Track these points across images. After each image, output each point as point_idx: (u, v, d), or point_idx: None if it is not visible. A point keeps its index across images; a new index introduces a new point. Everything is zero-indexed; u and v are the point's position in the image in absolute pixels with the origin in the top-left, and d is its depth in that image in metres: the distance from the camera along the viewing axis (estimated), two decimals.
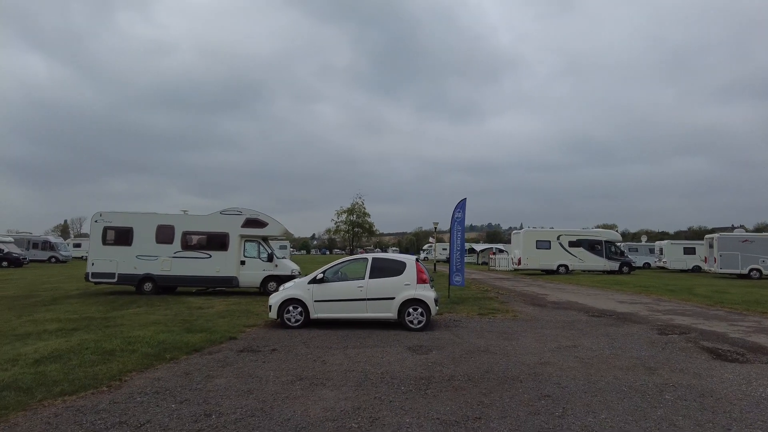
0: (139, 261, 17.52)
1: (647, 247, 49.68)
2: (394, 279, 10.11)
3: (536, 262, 32.52)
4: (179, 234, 17.71)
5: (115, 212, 18.04)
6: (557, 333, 9.70)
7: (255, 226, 17.94)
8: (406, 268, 10.17)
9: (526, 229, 33.59)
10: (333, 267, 10.56)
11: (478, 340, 8.93)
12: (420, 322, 9.89)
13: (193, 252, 17.70)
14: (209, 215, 18.10)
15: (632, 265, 34.10)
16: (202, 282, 17.81)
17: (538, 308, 13.97)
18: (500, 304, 14.69)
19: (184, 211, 18.72)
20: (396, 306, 9.94)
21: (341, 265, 10.71)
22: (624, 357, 7.49)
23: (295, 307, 10.24)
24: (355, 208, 74.72)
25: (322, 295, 10.19)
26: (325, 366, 6.90)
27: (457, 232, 15.66)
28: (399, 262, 10.35)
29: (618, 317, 11.93)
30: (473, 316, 12.17)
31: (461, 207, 15.70)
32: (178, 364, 7.08)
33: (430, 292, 10.12)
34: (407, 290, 9.98)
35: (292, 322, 10.22)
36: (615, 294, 18.20)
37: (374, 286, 10.07)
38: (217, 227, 17.87)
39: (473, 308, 13.60)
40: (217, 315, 12.21)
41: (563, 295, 17.96)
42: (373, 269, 10.26)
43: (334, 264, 10.64)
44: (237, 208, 18.12)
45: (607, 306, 14.30)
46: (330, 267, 10.53)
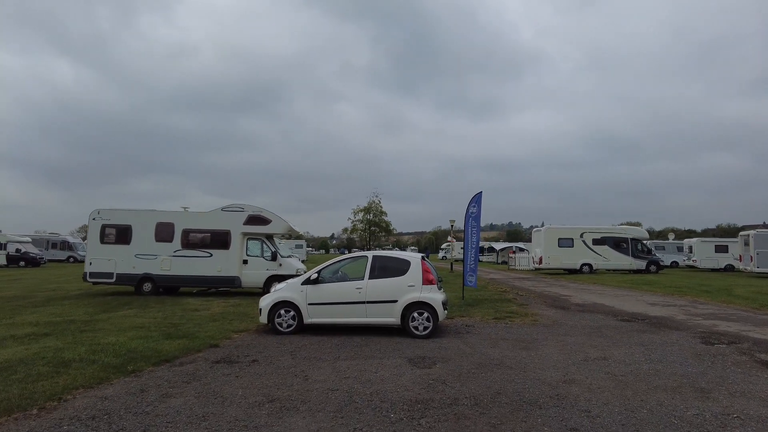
0: (138, 260, 16.77)
1: (675, 245, 47.58)
2: (397, 280, 9.00)
3: (558, 261, 30.98)
4: (179, 232, 16.90)
5: (113, 209, 17.32)
6: (583, 341, 8.46)
7: (258, 224, 17.01)
8: (411, 267, 9.05)
9: (548, 226, 32.06)
10: (329, 266, 9.50)
11: (491, 350, 7.76)
12: (426, 329, 8.75)
13: (193, 251, 16.87)
14: (210, 212, 17.24)
15: (660, 264, 32.29)
16: (203, 282, 16.96)
17: (561, 311, 12.69)
18: (519, 307, 13.45)
19: (184, 208, 17.92)
20: (399, 310, 8.83)
21: (338, 264, 9.64)
22: (666, 373, 6.24)
23: (287, 310, 9.21)
24: (372, 206, 73.72)
25: (316, 298, 9.14)
26: (306, 383, 5.83)
27: (471, 229, 14.46)
28: (402, 261, 9.23)
29: (652, 322, 10.59)
30: (488, 320, 10.97)
31: (476, 201, 14.50)
32: (138, 377, 6.10)
33: (438, 295, 8.97)
34: (411, 292, 8.86)
35: (283, 327, 9.19)
36: (645, 295, 16.74)
37: (374, 287, 8.97)
38: (218, 225, 17.00)
39: (489, 311, 12.40)
40: (210, 318, 11.28)
41: (588, 296, 16.59)
42: (374, 269, 9.16)
43: (331, 263, 9.58)
44: (239, 204, 17.22)
45: (638, 309, 12.94)
46: (326, 266, 9.47)
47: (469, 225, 14.48)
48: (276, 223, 17.09)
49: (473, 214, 14.42)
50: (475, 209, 14.42)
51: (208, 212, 17.28)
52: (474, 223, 14.36)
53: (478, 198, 14.48)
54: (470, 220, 14.42)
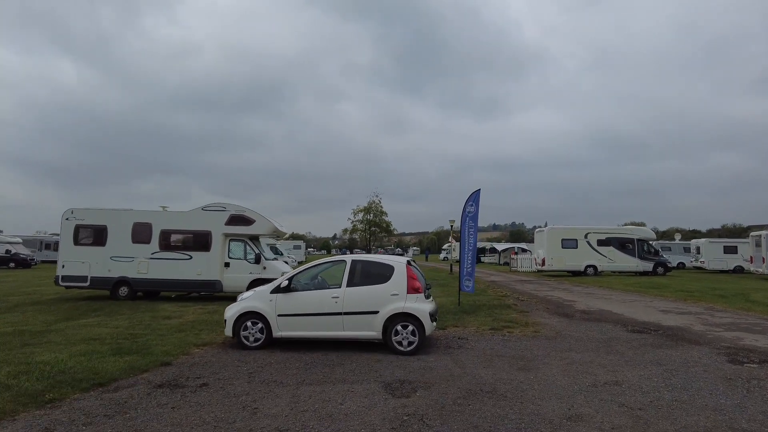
0: (113, 263, 15.75)
1: (681, 245, 46.37)
2: (379, 287, 7.90)
3: (562, 262, 29.82)
4: (157, 233, 15.88)
5: (88, 209, 16.30)
6: (591, 358, 7.36)
7: (240, 224, 15.97)
8: (394, 273, 7.95)
9: (551, 227, 30.90)
10: (303, 272, 8.42)
11: (484, 370, 6.67)
12: (411, 344, 7.66)
13: (172, 253, 15.84)
14: (189, 212, 16.20)
15: (668, 266, 31.09)
16: (182, 286, 15.91)
17: (565, 319, 11.59)
18: (519, 314, 12.34)
19: (163, 207, 16.89)
20: (380, 322, 7.74)
21: (313, 270, 8.56)
22: (694, 406, 5.13)
23: (254, 322, 8.14)
24: (372, 206, 72.66)
25: (287, 308, 8.06)
26: (252, 419, 4.76)
27: (468, 229, 13.36)
28: (385, 266, 8.13)
29: (667, 334, 9.48)
30: (484, 331, 9.88)
31: (474, 199, 13.39)
32: (52, 410, 5.03)
33: (425, 305, 7.88)
34: (395, 302, 7.77)
35: (250, 341, 8.12)
36: (655, 300, 15.61)
37: (353, 296, 7.89)
38: (198, 225, 15.97)
39: (486, 320, 11.30)
40: (177, 328, 10.24)
41: (594, 301, 15.46)
42: (352, 275, 8.08)
43: (305, 268, 8.50)
44: (221, 203, 16.17)
45: (649, 317, 11.82)
46: (299, 272, 8.39)
47: (466, 225, 13.39)
48: (260, 223, 16.04)
49: (470, 214, 13.32)
50: (472, 208, 13.32)
51: (187, 212, 16.24)
52: (471, 223, 13.26)
53: (476, 196, 13.38)
54: (467, 220, 13.32)
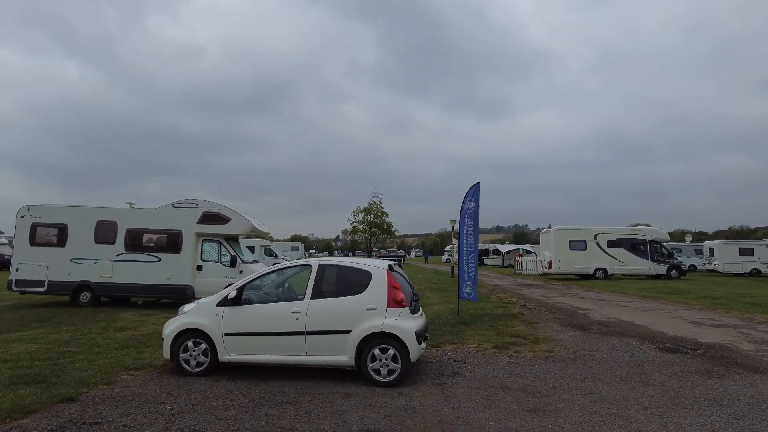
0: (74, 266, 14.16)
1: (692, 247, 44.66)
2: (351, 300, 6.22)
3: (569, 265, 28.05)
4: (123, 232, 14.29)
5: (46, 206, 14.70)
6: (624, 393, 5.67)
7: (214, 222, 14.35)
8: (371, 281, 6.26)
9: (558, 227, 29.11)
10: (256, 279, 6.74)
11: (485, 413, 4.98)
12: (391, 373, 5.98)
13: (138, 254, 14.24)
14: (158, 209, 14.58)
15: (682, 269, 29.29)
16: (150, 291, 14.28)
17: (580, 333, 9.88)
18: (527, 327, 10.64)
19: (130, 204, 15.26)
20: (353, 344, 6.05)
21: (270, 277, 6.88)
22: None
23: (197, 342, 6.48)
24: (373, 207, 70.97)
25: (236, 325, 6.39)
26: None
27: (467, 228, 11.66)
28: (360, 272, 6.43)
29: (710, 354, 7.76)
30: (487, 349, 8.18)
31: (473, 194, 11.70)
32: None
33: (410, 322, 6.18)
34: (371, 318, 6.07)
35: (191, 366, 6.47)
36: (679, 309, 13.86)
37: (318, 311, 6.21)
38: (167, 224, 14.36)
39: (488, 334, 9.61)
40: (122, 343, 8.61)
41: (610, 309, 13.74)
42: (319, 284, 6.40)
43: (259, 274, 6.81)
44: (193, 199, 14.55)
45: (680, 330, 10.10)
46: (251, 279, 6.71)
47: (464, 224, 11.69)
48: (236, 221, 14.40)
49: (470, 210, 11.63)
50: (471, 204, 11.63)
51: (156, 209, 14.62)
52: (470, 221, 11.57)
53: (475, 190, 11.69)
54: (466, 218, 11.62)
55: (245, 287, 6.57)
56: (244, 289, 6.54)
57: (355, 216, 71.11)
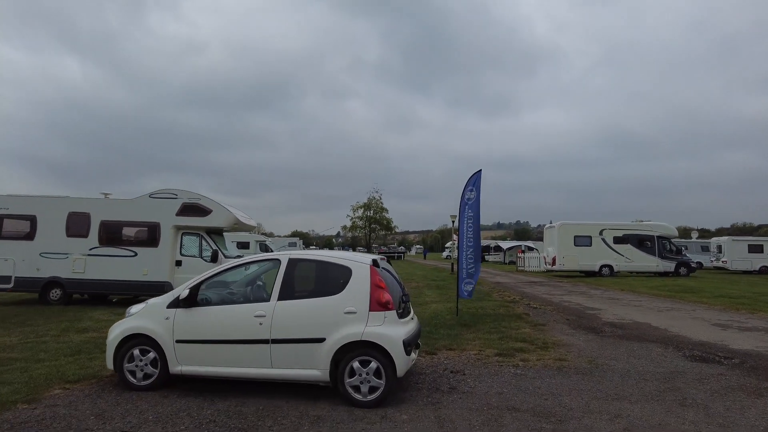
0: (43, 260, 13.15)
1: (699, 244, 43.54)
2: (326, 302, 5.16)
3: (574, 261, 26.96)
4: (97, 224, 13.26)
5: (13, 196, 13.69)
6: (658, 416, 4.61)
7: (195, 214, 13.30)
8: (351, 279, 5.20)
9: (562, 222, 28.00)
10: (215, 276, 5.68)
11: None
12: (373, 391, 4.92)
13: (114, 248, 13.22)
14: (134, 200, 13.55)
15: (691, 266, 28.21)
16: (125, 288, 13.26)
17: (594, 337, 8.83)
18: (533, 329, 9.59)
19: (104, 195, 14.21)
20: (327, 356, 4.99)
21: (231, 274, 5.82)
22: None
23: (144, 351, 5.43)
24: (372, 203, 70.07)
25: (189, 331, 5.34)
26: None
27: (467, 220, 10.60)
28: (337, 268, 5.36)
29: (750, 365, 6.69)
30: (489, 357, 7.13)
31: (474, 183, 10.64)
32: None
33: (397, 328, 5.11)
34: (350, 324, 5.01)
35: (137, 378, 5.43)
36: (697, 309, 12.80)
37: (286, 314, 5.15)
38: (144, 215, 13.32)
39: (491, 337, 8.56)
40: (75, 348, 7.62)
41: (621, 310, 12.69)
42: (288, 282, 5.34)
43: (218, 270, 5.74)
44: (171, 189, 13.50)
45: (705, 334, 9.04)
46: (209, 276, 5.65)
47: (464, 216, 10.63)
48: (218, 213, 13.35)
49: (470, 201, 10.56)
50: (472, 194, 10.56)
51: (132, 199, 13.59)
52: (471, 212, 10.50)
53: (476, 179, 10.62)
54: (466, 209, 10.56)
55: (201, 285, 5.52)
56: (199, 288, 5.49)
57: (354, 212, 70.33)
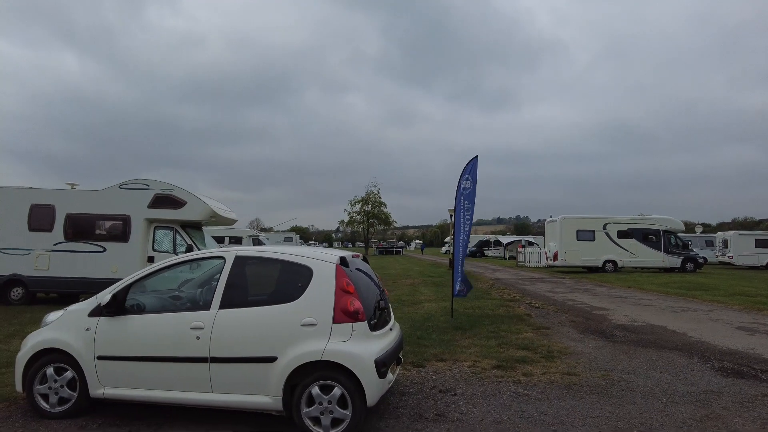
0: (3, 256, 12.16)
1: (703, 238, 42.52)
2: (280, 310, 4.11)
3: (577, 256, 25.93)
4: (62, 218, 12.23)
5: None
6: None
7: (168, 206, 12.27)
8: (312, 282, 4.15)
9: (564, 216, 26.95)
10: (145, 278, 4.64)
11: None
12: (337, 423, 3.88)
13: (80, 243, 12.20)
14: (103, 191, 12.49)
15: (698, 261, 27.20)
16: (92, 287, 12.04)
17: (605, 344, 7.82)
18: (536, 333, 8.57)
19: (71, 185, 13.16)
20: (279, 379, 3.95)
21: (163, 275, 4.77)
22: None
23: (60, 369, 4.41)
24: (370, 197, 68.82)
25: (114, 345, 4.31)
26: None
27: (464, 212, 9.56)
28: (295, 268, 4.31)
29: None
30: (485, 369, 6.11)
31: (470, 171, 9.59)
32: None
33: (368, 344, 4.04)
34: (309, 339, 3.97)
35: (50, 404, 4.41)
36: (715, 309, 11.78)
37: (229, 326, 4.12)
38: (113, 208, 12.30)
39: (488, 345, 7.54)
40: (6, 361, 6.53)
41: (631, 310, 11.67)
42: (234, 285, 4.30)
43: (150, 271, 4.69)
44: (143, 179, 12.45)
45: (731, 340, 8.02)
46: (141, 277, 4.61)
47: (461, 207, 9.58)
48: (193, 205, 12.31)
49: (466, 191, 9.52)
50: (468, 183, 9.52)
51: (100, 191, 12.52)
52: (467, 203, 9.46)
53: (472, 167, 9.57)
54: (462, 200, 9.52)
55: (131, 288, 4.49)
56: (128, 292, 4.46)
57: (351, 206, 69.08)
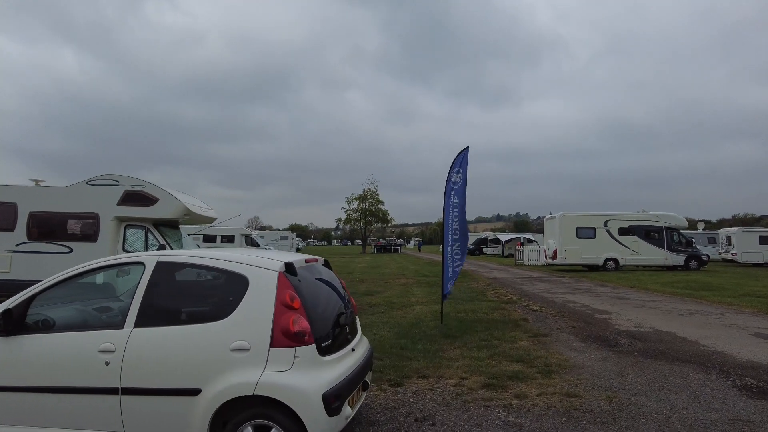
0: None
1: (706, 235, 41.78)
2: (205, 331, 3.28)
3: (577, 255, 25.12)
4: (24, 216, 11.39)
5: None
6: None
7: (139, 204, 11.42)
8: (247, 294, 3.32)
9: (564, 213, 26.12)
10: (50, 288, 3.80)
11: None
12: None
13: (45, 244, 11.37)
14: (69, 187, 11.65)
15: (702, 259, 26.39)
16: None
17: (609, 354, 7.00)
18: (533, 341, 7.75)
19: (35, 182, 12.32)
20: (204, 417, 3.13)
21: (68, 286, 3.91)
22: None
23: None
24: (368, 195, 68.03)
25: (6, 373, 3.48)
26: None
27: (452, 209, 8.73)
28: (227, 276, 3.47)
29: None
30: (473, 389, 5.29)
31: (461, 163, 8.76)
32: None
33: (315, 375, 3.18)
34: (240, 368, 3.13)
35: None
36: (726, 312, 10.97)
37: (145, 350, 3.29)
38: (81, 205, 11.46)
39: (479, 356, 6.73)
40: None
41: (636, 313, 10.86)
42: (152, 298, 3.47)
43: (56, 280, 3.86)
44: (112, 175, 11.62)
45: (750, 349, 7.20)
46: (42, 289, 3.78)
47: (450, 203, 8.75)
48: (165, 202, 11.47)
49: (456, 185, 8.68)
50: (459, 176, 8.68)
51: (66, 187, 11.68)
52: (456, 199, 8.62)
53: (462, 158, 8.73)
54: (451, 195, 8.68)
55: (32, 301, 3.67)
56: (28, 306, 3.63)
57: (349, 204, 68.29)
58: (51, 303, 3.79)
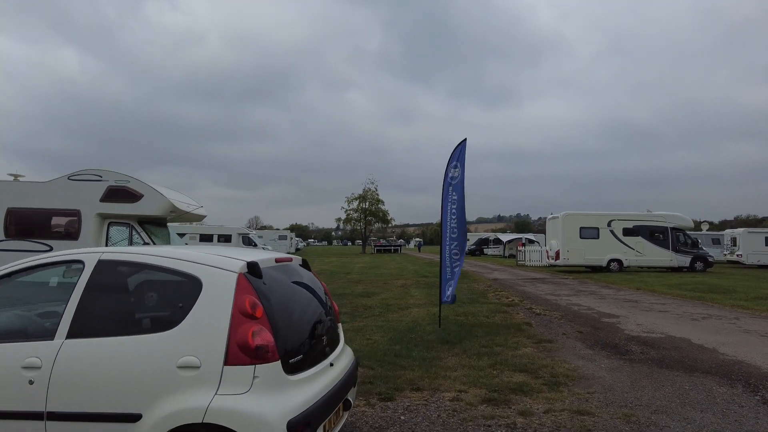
0: None
1: (710, 236, 41.20)
2: (148, 343, 2.73)
3: (580, 255, 24.55)
4: (2, 213, 10.91)
5: None
6: None
7: (123, 200, 10.91)
8: (199, 300, 2.77)
9: (567, 212, 25.55)
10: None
11: None
12: None
13: (24, 242, 10.85)
14: (50, 182, 11.14)
15: (708, 260, 25.80)
16: None
17: (621, 363, 6.45)
18: (537, 348, 7.20)
19: (14, 176, 11.78)
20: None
21: (8, 285, 3.37)
22: None
23: None
24: (367, 194, 67.45)
25: None
26: None
27: (450, 205, 8.17)
28: (177, 278, 2.92)
29: None
30: (471, 405, 4.74)
31: (458, 157, 8.21)
32: None
33: (277, 399, 2.61)
34: (188, 390, 2.58)
35: None
36: (742, 317, 10.40)
37: (77, 366, 2.74)
38: (62, 201, 10.95)
39: (479, 365, 6.18)
40: None
41: (645, 317, 10.30)
42: (90, 303, 2.91)
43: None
44: (95, 170, 11.09)
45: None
46: None
47: (448, 199, 8.20)
48: (150, 198, 10.95)
49: (454, 180, 8.14)
50: (456, 171, 8.13)
51: (47, 182, 11.17)
52: (455, 195, 8.07)
53: (460, 152, 8.19)
54: (449, 191, 8.13)
55: None
56: None
57: (348, 204, 67.71)
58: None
